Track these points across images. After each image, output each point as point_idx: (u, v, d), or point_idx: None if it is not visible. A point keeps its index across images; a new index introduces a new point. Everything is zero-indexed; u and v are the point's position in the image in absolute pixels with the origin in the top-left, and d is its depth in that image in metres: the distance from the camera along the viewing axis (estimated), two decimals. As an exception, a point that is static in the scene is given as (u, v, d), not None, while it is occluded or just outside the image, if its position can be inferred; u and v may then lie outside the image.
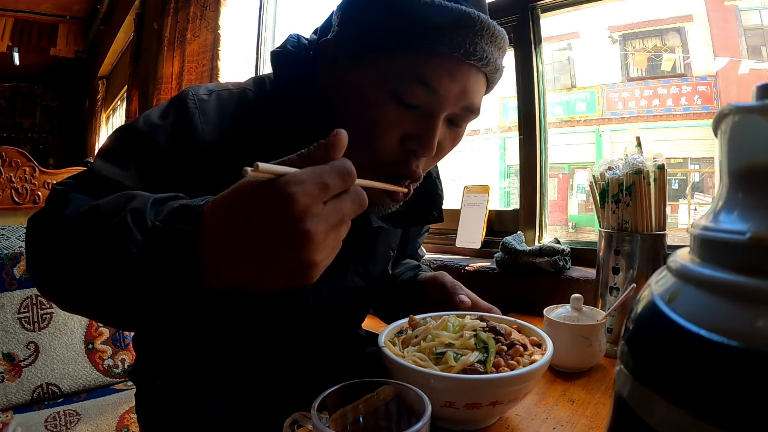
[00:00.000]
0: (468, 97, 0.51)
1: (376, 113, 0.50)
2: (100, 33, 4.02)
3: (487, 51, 0.50)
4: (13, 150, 1.18)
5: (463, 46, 0.48)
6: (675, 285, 0.21)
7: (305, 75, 0.56)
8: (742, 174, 0.21)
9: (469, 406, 0.44)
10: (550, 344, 0.51)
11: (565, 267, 0.98)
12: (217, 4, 1.88)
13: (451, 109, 0.51)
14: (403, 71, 0.48)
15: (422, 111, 0.50)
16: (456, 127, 0.55)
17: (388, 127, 0.50)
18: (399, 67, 0.49)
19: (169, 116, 0.53)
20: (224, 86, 0.58)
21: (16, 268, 1.06)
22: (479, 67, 0.51)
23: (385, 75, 0.49)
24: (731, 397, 0.16)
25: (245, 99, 0.58)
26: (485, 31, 0.50)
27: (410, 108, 0.50)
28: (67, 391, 1.06)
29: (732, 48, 2.49)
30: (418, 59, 0.48)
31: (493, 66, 0.52)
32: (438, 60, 0.48)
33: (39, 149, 5.58)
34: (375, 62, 0.50)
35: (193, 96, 0.54)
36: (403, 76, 0.48)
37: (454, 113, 0.52)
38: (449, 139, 0.55)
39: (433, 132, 0.50)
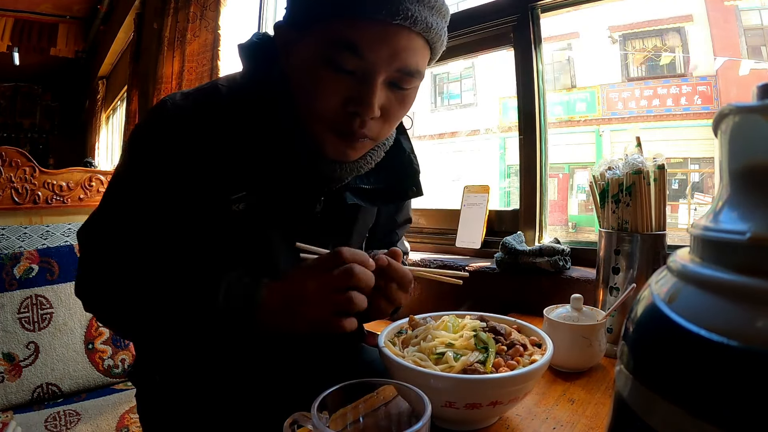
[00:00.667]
0: (400, 59, 0.52)
1: (316, 80, 0.53)
2: (100, 33, 4.02)
3: (414, 10, 0.49)
4: (13, 150, 1.18)
5: (384, 7, 0.48)
6: (675, 285, 0.21)
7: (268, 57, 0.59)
8: (742, 174, 0.21)
9: (469, 406, 0.44)
10: (550, 344, 0.51)
11: (565, 267, 0.98)
12: (217, 4, 1.88)
13: (386, 72, 0.53)
14: (333, 38, 0.51)
15: (357, 75, 0.52)
16: (400, 89, 0.55)
17: (328, 92, 0.53)
18: (329, 35, 0.51)
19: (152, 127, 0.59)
20: (197, 88, 0.62)
21: (16, 268, 1.06)
22: (409, 28, 0.51)
23: (319, 43, 0.52)
24: (731, 397, 0.16)
25: (218, 93, 0.60)
26: None
27: (346, 73, 0.52)
28: (67, 391, 1.06)
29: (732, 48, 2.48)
30: (345, 25, 0.50)
31: (424, 25, 0.51)
32: (364, 24, 0.49)
33: (39, 149, 5.58)
34: (312, 33, 0.53)
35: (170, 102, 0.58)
36: (333, 43, 0.51)
37: (392, 76, 0.53)
38: (395, 102, 0.56)
39: (370, 95, 0.52)
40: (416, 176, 0.69)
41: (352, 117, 0.54)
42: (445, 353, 0.47)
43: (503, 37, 1.20)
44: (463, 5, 1.34)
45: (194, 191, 0.56)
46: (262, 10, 2.04)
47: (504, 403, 0.45)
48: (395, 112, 0.57)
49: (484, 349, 0.48)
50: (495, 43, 1.23)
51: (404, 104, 0.58)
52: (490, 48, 1.26)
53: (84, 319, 1.12)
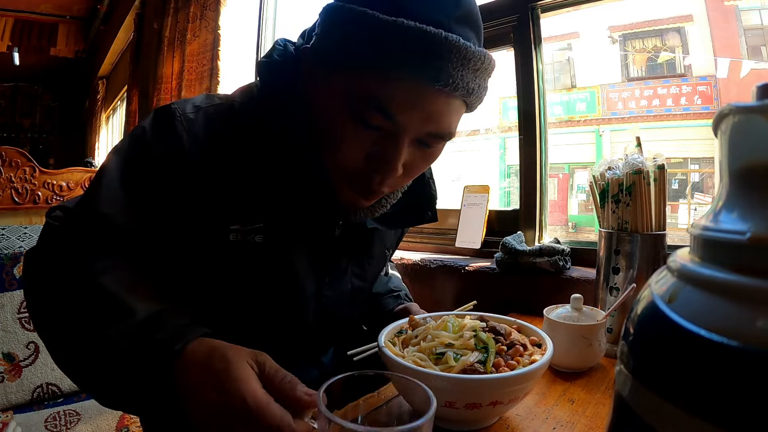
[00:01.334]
0: (434, 122, 0.48)
1: (341, 130, 0.49)
2: (100, 33, 4.02)
3: (455, 75, 0.45)
4: (13, 150, 1.18)
5: (425, 71, 0.44)
6: (675, 285, 0.21)
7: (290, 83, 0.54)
8: (742, 174, 0.21)
9: (469, 406, 0.44)
10: (550, 344, 0.51)
11: (565, 267, 0.98)
12: (217, 4, 1.88)
13: (415, 134, 0.49)
14: (363, 93, 0.46)
15: (384, 132, 0.48)
16: (427, 147, 0.52)
17: (352, 145, 0.49)
18: (359, 88, 0.46)
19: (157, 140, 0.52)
20: (211, 101, 0.57)
21: (16, 268, 1.06)
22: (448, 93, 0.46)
23: (346, 93, 0.47)
24: (731, 396, 0.16)
25: (232, 112, 0.56)
26: (454, 54, 0.44)
27: (373, 129, 0.48)
28: (67, 391, 1.06)
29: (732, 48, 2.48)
30: (377, 82, 0.45)
31: (464, 90, 0.47)
32: (398, 84, 0.45)
33: (39, 149, 5.59)
34: (341, 79, 0.48)
35: (180, 116, 0.53)
36: (363, 99, 0.46)
37: (419, 137, 0.49)
38: (420, 159, 0.52)
39: (396, 155, 0.48)
40: (433, 201, 0.67)
41: (373, 174, 0.50)
42: (445, 353, 0.47)
43: (503, 37, 1.20)
44: (463, 5, 1.34)
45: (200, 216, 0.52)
46: (262, 10, 2.04)
47: (504, 403, 0.45)
48: (418, 168, 0.54)
49: (484, 349, 0.48)
50: (495, 43, 1.23)
51: (429, 161, 0.54)
52: (490, 48, 1.25)
53: (84, 319, 1.12)
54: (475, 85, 0.48)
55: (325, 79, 0.50)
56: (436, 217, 0.68)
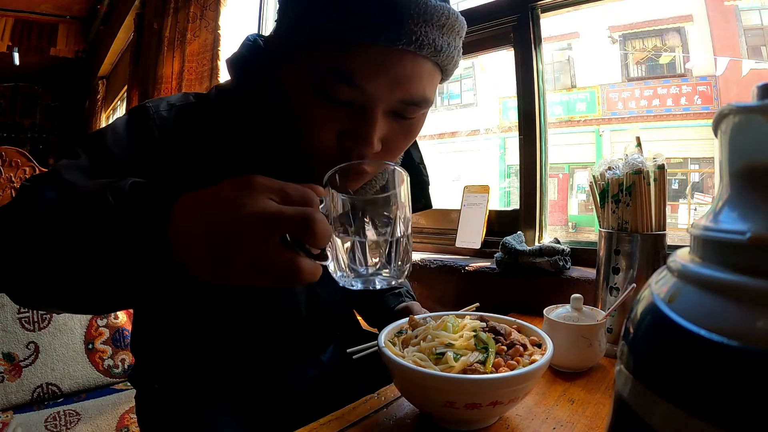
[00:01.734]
0: (404, 88, 0.45)
1: (307, 111, 0.47)
2: (100, 33, 4.02)
3: (418, 32, 0.42)
4: (13, 150, 1.18)
5: (384, 31, 0.41)
6: (675, 285, 0.21)
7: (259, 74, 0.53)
8: (742, 174, 0.21)
9: (469, 406, 0.44)
10: (550, 344, 0.51)
11: (565, 267, 0.98)
12: (217, 4, 1.88)
13: (388, 104, 0.46)
14: (324, 66, 0.44)
15: (355, 106, 0.46)
16: (404, 119, 0.48)
17: (321, 125, 0.47)
18: (320, 61, 0.44)
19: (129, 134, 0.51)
20: (186, 100, 0.56)
21: (16, 268, 1.06)
22: (415, 53, 0.43)
23: (309, 70, 0.45)
24: (731, 397, 0.16)
25: (206, 107, 0.56)
26: (412, 9, 0.41)
27: (341, 104, 0.45)
28: (67, 391, 1.06)
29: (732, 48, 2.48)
30: (338, 52, 0.43)
31: (431, 48, 0.43)
32: (359, 51, 0.42)
33: (39, 149, 5.58)
34: (303, 57, 0.46)
35: (153, 113, 0.52)
36: (326, 72, 0.44)
37: (394, 106, 0.46)
38: (400, 133, 0.49)
39: (370, 128, 0.45)
40: (426, 188, 0.64)
41: (349, 153, 0.47)
42: (445, 353, 0.47)
43: (503, 37, 1.20)
44: (463, 5, 1.34)
45: None
46: (262, 10, 2.04)
47: (504, 403, 0.45)
48: (399, 143, 0.50)
49: (484, 349, 0.48)
50: (495, 43, 1.23)
51: (409, 134, 0.51)
52: (490, 48, 1.26)
53: (84, 319, 1.12)
54: (443, 42, 0.44)
55: (289, 63, 0.48)
56: (430, 204, 0.65)
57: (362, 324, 0.85)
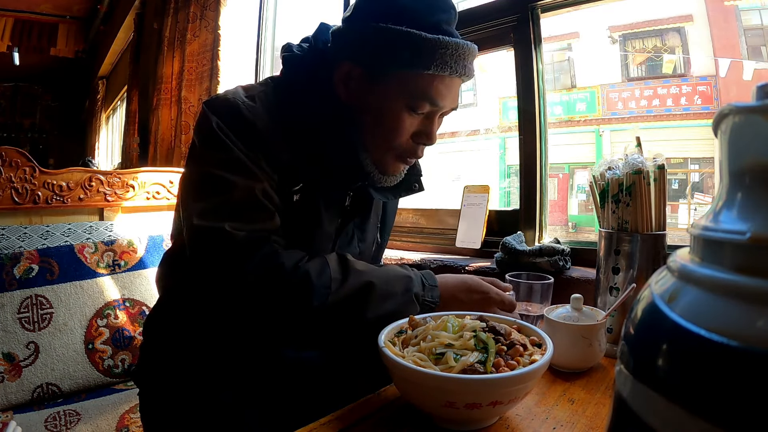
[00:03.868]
0: (455, 101, 0.69)
1: (397, 122, 0.66)
2: (100, 33, 4.02)
3: (470, 68, 0.66)
4: (13, 150, 1.18)
5: (457, 69, 0.64)
6: (675, 285, 0.21)
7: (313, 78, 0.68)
8: (742, 174, 0.21)
9: (469, 406, 0.44)
10: (550, 344, 0.51)
11: (565, 267, 0.98)
12: (217, 4, 1.88)
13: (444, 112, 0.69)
14: (416, 91, 0.64)
15: (426, 115, 0.67)
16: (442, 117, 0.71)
17: (404, 130, 0.66)
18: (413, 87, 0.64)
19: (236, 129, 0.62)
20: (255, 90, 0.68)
21: (16, 268, 1.06)
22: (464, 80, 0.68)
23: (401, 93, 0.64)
24: (731, 396, 0.16)
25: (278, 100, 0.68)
26: (468, 54, 0.65)
27: (419, 115, 0.66)
28: (67, 391, 1.06)
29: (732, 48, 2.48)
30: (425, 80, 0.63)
31: (472, 76, 0.69)
32: (441, 80, 0.64)
33: (39, 149, 5.59)
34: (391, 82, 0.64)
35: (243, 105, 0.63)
36: (416, 94, 0.64)
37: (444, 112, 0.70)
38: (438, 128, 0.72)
39: (435, 130, 0.69)
40: (419, 176, 0.82)
41: (417, 146, 0.69)
42: (445, 353, 0.47)
43: (503, 37, 1.20)
44: (463, 5, 1.34)
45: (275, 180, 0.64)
46: (262, 10, 2.04)
47: (504, 403, 0.45)
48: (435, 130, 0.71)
49: (484, 350, 0.48)
50: (495, 43, 1.23)
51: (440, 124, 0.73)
52: (490, 48, 1.26)
53: (84, 319, 1.12)
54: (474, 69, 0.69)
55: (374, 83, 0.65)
56: (422, 187, 0.82)
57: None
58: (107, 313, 1.15)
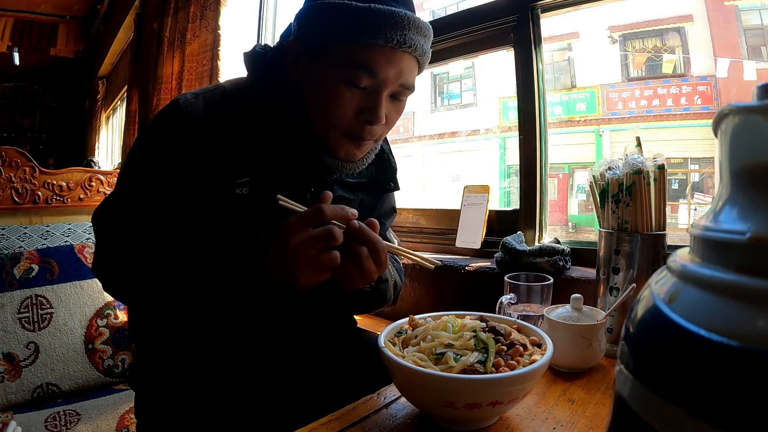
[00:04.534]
0: (403, 76, 0.64)
1: (335, 95, 0.63)
2: (100, 33, 4.02)
3: (415, 39, 0.62)
4: (13, 150, 1.18)
5: (395, 38, 0.60)
6: (675, 285, 0.21)
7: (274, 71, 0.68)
8: (742, 174, 0.21)
9: (469, 406, 0.44)
10: (549, 344, 0.51)
11: (565, 267, 0.98)
12: (217, 4, 1.88)
13: (391, 87, 0.64)
14: (352, 61, 0.61)
15: (369, 90, 0.63)
16: (397, 101, 0.67)
17: (345, 104, 0.63)
18: (348, 58, 0.61)
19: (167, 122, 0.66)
20: (206, 89, 0.70)
21: (16, 268, 1.06)
22: (410, 53, 0.63)
23: (338, 65, 0.62)
24: (731, 396, 0.16)
25: (225, 93, 0.69)
26: (411, 24, 0.61)
27: (359, 89, 0.63)
28: (67, 391, 1.06)
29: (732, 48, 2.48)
30: (362, 51, 0.61)
31: (421, 50, 0.64)
32: (377, 50, 0.61)
33: (39, 149, 5.58)
34: (329, 56, 0.62)
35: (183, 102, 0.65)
36: (352, 65, 0.61)
37: (393, 90, 0.65)
38: (394, 111, 0.68)
39: (379, 105, 0.64)
40: (394, 173, 0.81)
41: (363, 125, 0.65)
42: (445, 353, 0.47)
43: (503, 37, 1.20)
44: (463, 5, 1.34)
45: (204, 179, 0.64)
46: (262, 10, 2.04)
47: (504, 403, 0.45)
48: (392, 118, 0.68)
49: (484, 350, 0.48)
50: (495, 43, 1.23)
51: (399, 112, 0.69)
52: (490, 48, 1.26)
53: (84, 319, 1.12)
54: (425, 46, 0.65)
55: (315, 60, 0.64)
56: (398, 187, 0.81)
57: (359, 324, 0.85)
58: (107, 313, 1.15)
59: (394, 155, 0.82)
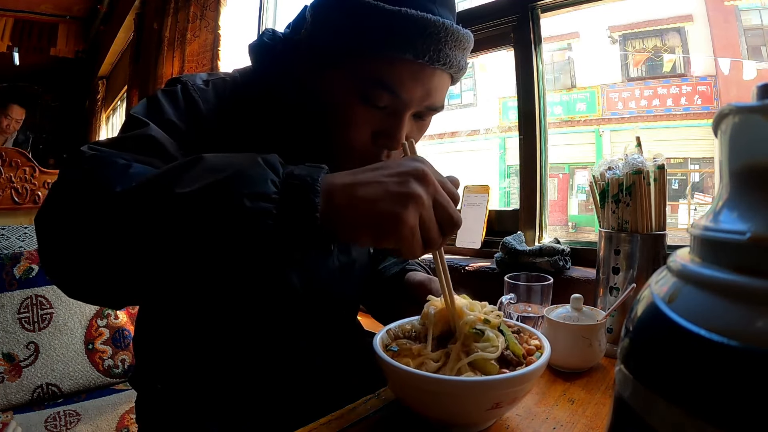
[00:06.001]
0: (432, 97, 0.54)
1: (347, 113, 0.53)
2: (100, 33, 4.02)
3: (451, 55, 0.52)
4: (13, 150, 1.18)
5: (427, 53, 0.50)
6: (675, 285, 0.21)
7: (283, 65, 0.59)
8: (742, 174, 0.21)
9: (466, 408, 0.44)
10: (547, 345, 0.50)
11: (565, 267, 0.98)
12: (217, 4, 1.88)
13: (416, 109, 0.54)
14: (369, 76, 0.51)
15: (389, 110, 0.53)
16: (421, 120, 0.58)
17: (359, 126, 0.54)
18: (366, 72, 0.51)
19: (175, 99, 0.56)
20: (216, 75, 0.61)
21: (16, 268, 1.06)
22: (443, 70, 0.53)
23: (354, 78, 0.52)
24: (731, 397, 0.16)
25: (236, 85, 0.61)
26: (449, 36, 0.51)
27: (378, 109, 0.53)
28: (67, 392, 1.06)
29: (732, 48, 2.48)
30: (382, 65, 0.50)
31: (457, 67, 0.54)
32: (402, 66, 0.50)
33: (39, 149, 5.58)
34: (345, 64, 0.52)
35: (192, 86, 0.57)
36: (369, 80, 0.51)
37: (419, 111, 0.55)
38: (415, 131, 0.58)
39: (400, 130, 0.54)
40: None
41: (380, 150, 0.55)
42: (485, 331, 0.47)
43: (503, 37, 1.20)
44: (463, 5, 1.34)
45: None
46: (262, 10, 2.04)
47: (502, 406, 0.45)
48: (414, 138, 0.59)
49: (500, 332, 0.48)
50: (495, 43, 1.23)
51: (422, 131, 0.60)
52: (490, 48, 1.26)
53: (84, 319, 1.12)
54: (463, 61, 0.55)
55: (323, 66, 0.54)
56: None
57: (363, 326, 0.85)
58: (107, 313, 1.15)
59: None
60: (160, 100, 0.54)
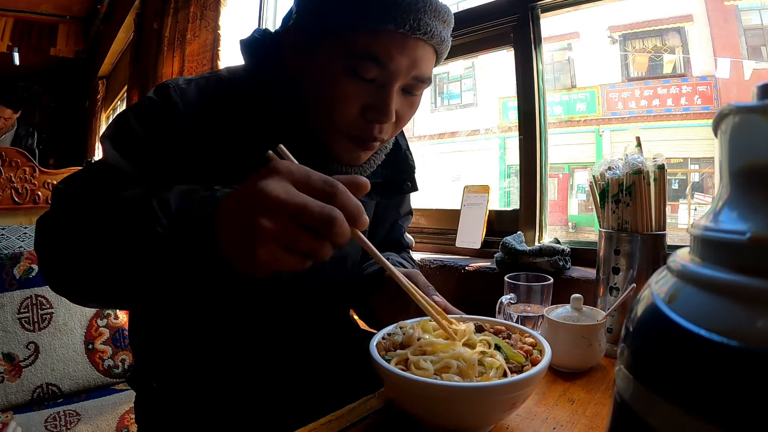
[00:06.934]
0: (417, 67, 0.55)
1: (336, 89, 0.55)
2: (100, 33, 4.02)
3: (431, 25, 0.54)
4: (13, 150, 1.18)
5: (407, 22, 0.52)
6: (675, 285, 0.21)
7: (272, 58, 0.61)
8: (742, 174, 0.21)
9: (463, 413, 0.43)
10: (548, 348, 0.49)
11: (565, 267, 0.98)
12: (217, 4, 1.88)
13: (403, 80, 0.56)
14: (356, 49, 0.53)
15: (377, 83, 0.55)
16: (410, 95, 0.59)
17: (348, 100, 0.55)
18: (352, 46, 0.53)
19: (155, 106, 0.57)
20: (200, 76, 0.63)
21: (16, 268, 1.06)
22: (425, 40, 0.55)
23: (340, 54, 0.54)
24: (731, 396, 0.16)
25: (221, 83, 0.62)
26: (428, 6, 0.53)
27: (366, 81, 0.54)
28: (67, 392, 1.06)
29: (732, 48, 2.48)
30: (368, 38, 0.52)
31: (439, 38, 0.56)
32: (386, 37, 0.52)
33: (39, 149, 5.58)
34: (330, 43, 0.54)
35: (174, 86, 0.58)
36: (356, 53, 0.53)
37: (406, 83, 0.57)
38: (406, 107, 0.60)
39: (389, 102, 0.55)
40: (412, 172, 0.72)
41: (371, 124, 0.57)
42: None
43: (503, 37, 1.20)
44: (463, 5, 1.34)
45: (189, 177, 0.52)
46: (262, 10, 2.04)
47: (503, 410, 0.44)
48: (405, 115, 0.60)
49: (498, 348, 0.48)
50: (495, 43, 1.23)
51: (413, 107, 0.61)
52: (490, 48, 1.26)
53: (84, 319, 1.12)
54: (444, 33, 0.57)
55: (315, 49, 0.56)
56: (416, 187, 0.73)
57: (361, 324, 0.85)
58: (107, 313, 1.15)
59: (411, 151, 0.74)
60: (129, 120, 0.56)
